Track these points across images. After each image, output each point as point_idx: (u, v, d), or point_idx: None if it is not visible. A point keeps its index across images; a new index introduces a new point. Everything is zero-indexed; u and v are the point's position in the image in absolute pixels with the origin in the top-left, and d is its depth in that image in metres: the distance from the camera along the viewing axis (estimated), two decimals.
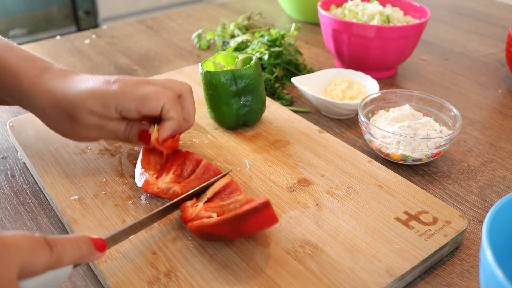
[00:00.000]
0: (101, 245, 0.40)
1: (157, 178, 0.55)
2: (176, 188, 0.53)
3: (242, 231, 0.45)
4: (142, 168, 0.56)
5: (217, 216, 0.48)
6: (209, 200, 0.52)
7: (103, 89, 0.53)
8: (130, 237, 0.49)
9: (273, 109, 0.72)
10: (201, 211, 0.49)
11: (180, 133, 0.58)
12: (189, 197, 0.52)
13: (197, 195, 0.53)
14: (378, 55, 0.83)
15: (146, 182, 0.53)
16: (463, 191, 0.61)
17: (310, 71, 0.89)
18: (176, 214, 0.52)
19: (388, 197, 0.55)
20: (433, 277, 0.49)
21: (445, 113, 0.68)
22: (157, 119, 0.56)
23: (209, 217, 0.48)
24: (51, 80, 0.55)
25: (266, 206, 0.44)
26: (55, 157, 0.61)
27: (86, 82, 0.55)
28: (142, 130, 0.56)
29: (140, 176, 0.55)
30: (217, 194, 0.53)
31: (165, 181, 0.55)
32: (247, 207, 0.44)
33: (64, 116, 0.54)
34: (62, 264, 0.36)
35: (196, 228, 0.47)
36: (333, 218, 0.52)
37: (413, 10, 0.91)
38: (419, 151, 0.62)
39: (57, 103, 0.54)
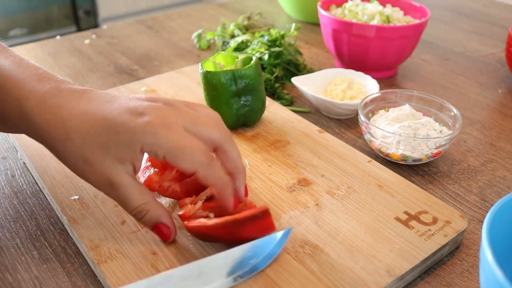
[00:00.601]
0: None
1: (160, 175, 0.53)
2: (176, 186, 0.52)
3: (238, 236, 0.45)
4: (148, 161, 0.54)
5: (215, 216, 0.48)
6: (208, 198, 0.51)
7: (128, 126, 0.43)
8: (130, 237, 0.49)
9: (273, 109, 0.73)
10: (199, 210, 0.49)
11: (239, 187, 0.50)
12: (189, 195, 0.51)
13: (197, 192, 0.52)
14: (378, 55, 0.83)
15: (149, 179, 0.52)
16: (463, 191, 0.61)
17: (310, 71, 0.89)
18: (175, 213, 0.52)
19: (388, 197, 0.55)
20: (433, 277, 0.49)
21: (445, 113, 0.68)
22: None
23: (207, 216, 0.48)
24: (60, 106, 0.45)
25: (265, 214, 0.44)
26: (55, 157, 0.61)
27: (107, 111, 0.45)
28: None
29: (144, 171, 0.53)
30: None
31: (168, 179, 0.53)
32: (246, 213, 0.44)
33: (77, 159, 0.44)
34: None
35: (193, 228, 0.46)
36: (333, 218, 0.52)
37: (413, 10, 0.91)
38: (419, 151, 0.62)
39: (69, 139, 0.44)
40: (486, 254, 0.35)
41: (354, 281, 0.44)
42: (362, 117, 0.64)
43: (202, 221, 0.46)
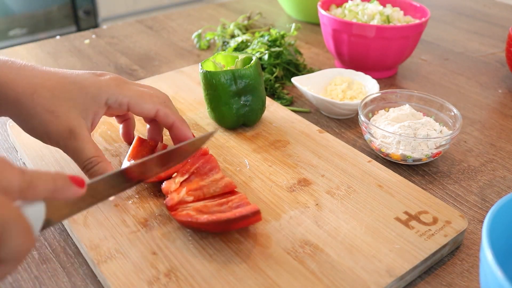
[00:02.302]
0: (79, 181, 0.37)
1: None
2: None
3: (228, 229, 0.49)
4: (129, 159, 0.56)
5: (194, 199, 0.51)
6: (188, 178, 0.53)
7: (93, 81, 0.51)
8: (130, 237, 0.49)
9: (273, 109, 0.72)
10: (184, 196, 0.51)
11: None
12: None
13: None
14: (378, 55, 0.83)
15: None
16: (463, 191, 0.61)
17: (310, 71, 0.89)
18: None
19: (388, 197, 0.55)
20: (433, 277, 0.49)
21: (445, 113, 0.67)
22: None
23: (193, 201, 0.51)
24: (25, 67, 0.50)
25: (255, 214, 0.47)
26: (55, 157, 0.61)
27: (70, 73, 0.51)
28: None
29: (125, 164, 0.56)
30: (197, 170, 0.55)
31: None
32: (238, 213, 0.47)
33: (43, 110, 0.48)
34: (35, 192, 0.34)
35: (184, 222, 0.48)
36: (333, 218, 0.52)
37: (413, 10, 0.91)
38: (419, 151, 0.62)
39: (37, 91, 0.48)
40: (486, 254, 0.35)
41: (354, 281, 0.44)
42: (362, 117, 0.64)
43: (193, 215, 0.48)
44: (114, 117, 0.62)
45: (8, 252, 0.31)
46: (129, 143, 0.63)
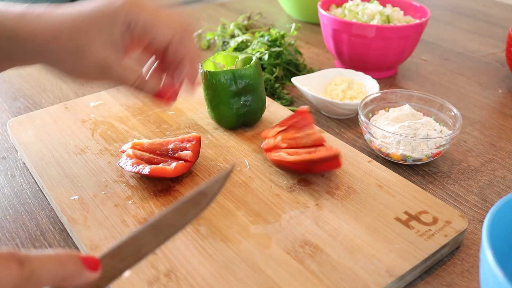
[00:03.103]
0: (93, 263, 0.33)
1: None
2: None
3: (311, 170, 0.57)
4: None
5: (288, 147, 0.59)
6: (285, 129, 0.61)
7: (112, 5, 0.47)
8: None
9: (273, 109, 0.72)
10: (279, 142, 0.59)
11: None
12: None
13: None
14: (378, 55, 0.83)
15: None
16: (463, 191, 0.61)
17: (310, 71, 0.89)
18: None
19: (388, 197, 0.55)
20: (433, 277, 0.49)
21: (445, 113, 0.67)
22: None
23: (286, 148, 0.59)
24: (42, 14, 0.47)
25: (336, 157, 0.55)
26: (55, 157, 0.61)
27: (87, 5, 0.48)
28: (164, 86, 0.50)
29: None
30: (294, 124, 0.62)
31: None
32: (320, 154, 0.55)
33: (70, 50, 0.46)
34: (39, 284, 0.30)
35: (275, 161, 0.57)
36: (333, 218, 0.52)
37: (413, 10, 0.91)
38: (419, 151, 0.62)
39: (59, 34, 0.46)
40: (486, 254, 0.35)
41: (354, 281, 0.44)
42: (362, 117, 0.64)
43: (283, 155, 0.57)
44: (112, 118, 0.60)
45: None
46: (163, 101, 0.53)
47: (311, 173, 0.58)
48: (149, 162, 0.57)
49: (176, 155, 0.58)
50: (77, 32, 0.46)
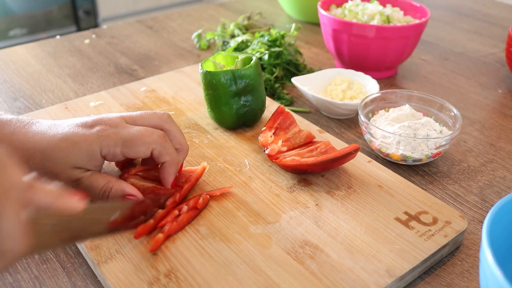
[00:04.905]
0: (79, 196, 0.37)
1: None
2: None
3: (331, 167, 0.57)
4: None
5: (288, 149, 0.60)
6: (274, 132, 0.62)
7: (83, 135, 0.48)
8: (130, 237, 0.49)
9: (273, 109, 0.72)
10: (280, 146, 0.60)
11: (182, 166, 0.55)
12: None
13: None
14: (378, 55, 0.83)
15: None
16: (463, 191, 0.61)
17: (310, 71, 0.89)
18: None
19: (388, 197, 0.55)
20: (433, 277, 0.49)
21: (445, 113, 0.67)
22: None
23: (287, 150, 0.60)
24: (14, 133, 0.48)
25: (356, 151, 0.56)
26: None
27: (60, 129, 0.49)
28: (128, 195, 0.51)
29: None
30: (279, 126, 0.63)
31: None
32: (342, 151, 0.56)
33: (42, 171, 0.48)
34: (38, 196, 0.34)
35: (290, 166, 0.56)
36: (333, 218, 0.52)
37: (413, 10, 0.91)
38: (419, 151, 0.62)
39: (30, 158, 0.47)
40: (486, 254, 0.35)
41: (354, 282, 0.44)
42: (362, 117, 0.64)
43: (298, 159, 0.57)
44: None
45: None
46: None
47: (326, 170, 0.59)
48: (151, 191, 0.53)
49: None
50: (48, 159, 0.47)
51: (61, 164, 0.48)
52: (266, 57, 0.84)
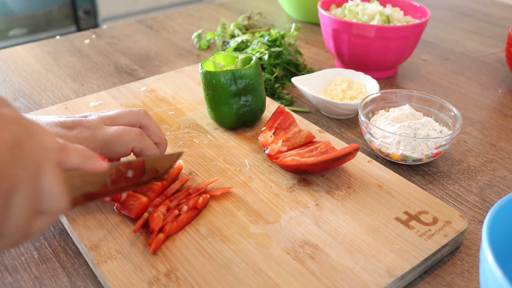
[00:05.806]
0: (102, 158, 0.38)
1: None
2: None
3: (331, 167, 0.57)
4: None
5: (288, 149, 0.61)
6: (274, 132, 0.62)
7: (62, 136, 0.49)
8: (130, 237, 0.49)
9: (273, 109, 0.72)
10: (280, 146, 0.60)
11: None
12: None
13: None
14: (378, 55, 0.83)
15: None
16: (463, 191, 0.61)
17: (310, 71, 0.89)
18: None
19: (388, 197, 0.55)
20: (433, 277, 0.49)
21: (445, 113, 0.67)
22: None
23: (287, 150, 0.60)
24: None
25: (356, 151, 0.56)
26: None
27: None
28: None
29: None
30: (279, 126, 0.63)
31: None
32: (342, 151, 0.55)
33: None
34: (69, 158, 0.36)
35: (291, 166, 0.56)
36: (333, 218, 0.52)
37: (413, 10, 0.91)
38: (419, 151, 0.62)
39: None
40: (486, 254, 0.35)
41: (354, 281, 0.44)
42: (362, 117, 0.64)
43: (298, 159, 0.57)
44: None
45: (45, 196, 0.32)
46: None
47: (326, 170, 0.59)
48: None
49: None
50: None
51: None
52: (266, 57, 0.84)
